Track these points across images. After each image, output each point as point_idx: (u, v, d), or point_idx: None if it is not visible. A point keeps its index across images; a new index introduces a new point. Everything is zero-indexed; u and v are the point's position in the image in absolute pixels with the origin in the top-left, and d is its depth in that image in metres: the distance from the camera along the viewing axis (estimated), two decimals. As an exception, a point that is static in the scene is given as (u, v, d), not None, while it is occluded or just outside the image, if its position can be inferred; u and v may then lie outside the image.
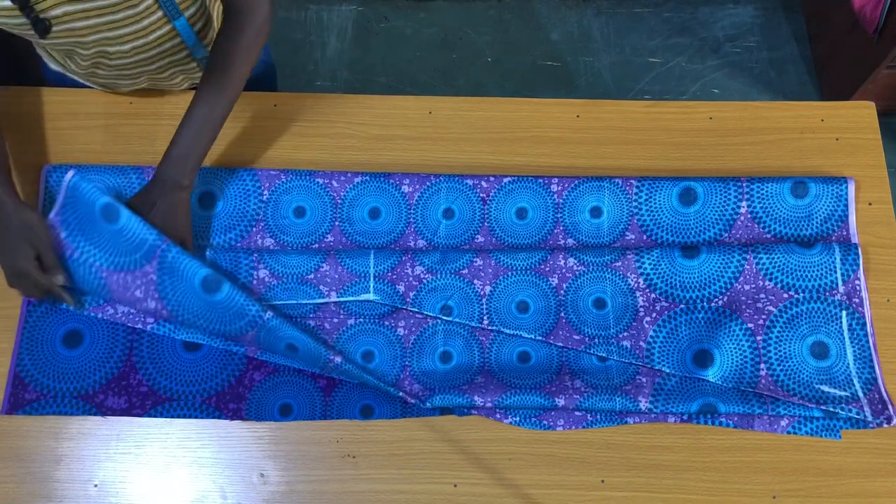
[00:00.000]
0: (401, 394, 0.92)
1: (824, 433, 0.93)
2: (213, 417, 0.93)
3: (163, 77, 1.02)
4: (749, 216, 1.02)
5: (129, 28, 0.88)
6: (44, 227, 0.91)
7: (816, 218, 1.02)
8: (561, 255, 1.00)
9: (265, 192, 1.02)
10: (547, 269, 0.99)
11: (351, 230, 1.02)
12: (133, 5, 0.85)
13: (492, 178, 1.04)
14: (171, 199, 0.91)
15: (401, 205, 1.02)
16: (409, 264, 0.98)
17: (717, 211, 1.02)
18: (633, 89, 2.05)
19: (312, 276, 0.98)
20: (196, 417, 0.93)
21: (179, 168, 0.91)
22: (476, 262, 0.99)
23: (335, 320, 0.98)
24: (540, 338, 0.97)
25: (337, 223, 1.02)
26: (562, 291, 0.99)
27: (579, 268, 0.99)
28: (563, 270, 0.99)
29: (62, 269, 0.91)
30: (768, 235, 1.02)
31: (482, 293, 0.98)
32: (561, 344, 0.97)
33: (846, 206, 1.02)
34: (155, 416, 0.93)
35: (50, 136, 1.05)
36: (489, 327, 0.97)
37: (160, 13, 0.89)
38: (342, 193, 1.03)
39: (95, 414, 0.93)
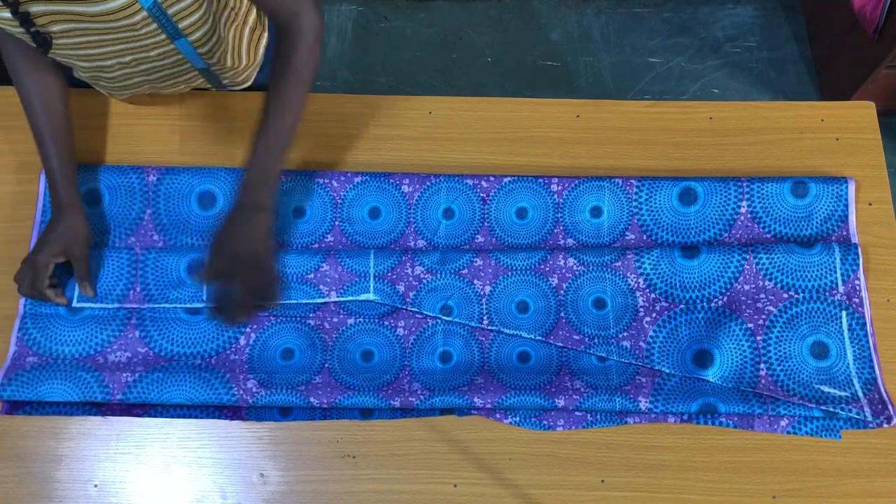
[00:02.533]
0: (398, 404, 0.92)
1: (824, 433, 0.93)
2: (213, 417, 0.93)
3: (165, 85, 1.02)
4: (749, 216, 1.02)
5: (130, 45, 0.88)
6: (85, 240, 0.94)
7: (816, 218, 1.02)
8: (561, 255, 1.00)
9: (265, 192, 1.02)
10: (547, 268, 0.99)
11: (351, 230, 1.02)
12: (134, 29, 0.85)
13: (492, 178, 1.04)
14: (254, 223, 0.90)
15: (401, 205, 1.02)
16: (409, 264, 0.98)
17: (717, 211, 1.02)
18: (633, 89, 2.05)
19: (312, 275, 0.98)
20: (196, 417, 0.93)
21: (258, 191, 0.90)
22: (476, 262, 0.99)
23: (335, 320, 0.98)
24: (540, 338, 0.97)
25: (337, 223, 1.02)
26: (561, 291, 0.99)
27: (579, 268, 0.99)
28: (563, 270, 0.99)
29: (89, 287, 0.95)
30: (768, 235, 1.02)
31: (482, 293, 0.98)
32: (561, 344, 0.97)
33: (846, 206, 1.02)
34: (155, 416, 0.93)
35: (50, 136, 1.05)
36: (489, 327, 0.97)
37: (162, 35, 0.89)
38: (342, 193, 1.03)
39: (95, 414, 0.93)
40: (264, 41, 1.11)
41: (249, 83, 1.11)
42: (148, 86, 1.01)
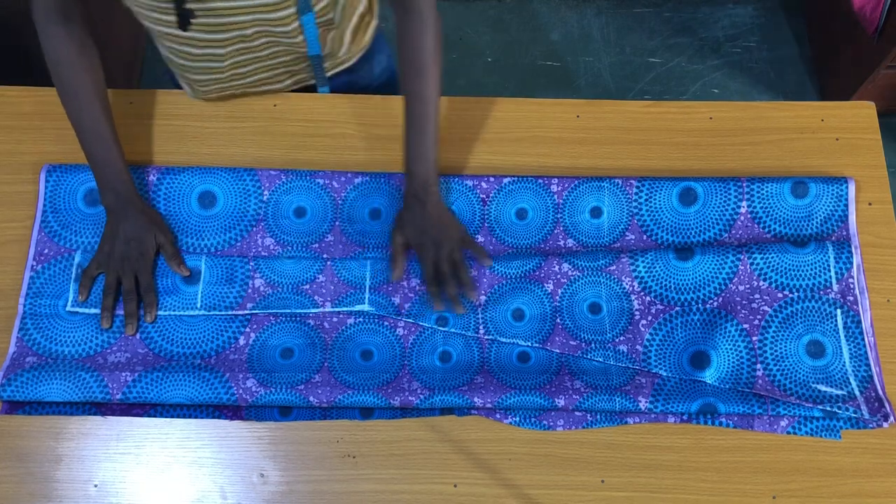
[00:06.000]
0: (397, 403, 0.92)
1: (824, 433, 0.93)
2: (213, 418, 0.93)
3: (266, 77, 1.04)
4: (749, 216, 1.02)
5: (260, 16, 0.89)
6: (167, 226, 0.99)
7: (816, 218, 1.02)
8: (555, 261, 0.99)
9: (265, 192, 1.02)
10: (541, 275, 0.99)
11: (351, 230, 1.02)
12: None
13: (492, 179, 1.03)
14: (431, 209, 0.96)
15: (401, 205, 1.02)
16: (404, 276, 0.98)
17: (717, 211, 1.02)
18: (633, 89, 2.06)
19: (308, 286, 0.97)
20: (196, 418, 0.93)
21: (422, 180, 0.96)
22: (470, 271, 0.99)
23: (334, 319, 0.98)
24: (537, 345, 0.97)
25: (337, 223, 1.02)
26: (557, 297, 0.99)
27: (574, 273, 0.99)
28: (558, 276, 0.99)
29: (183, 266, 0.97)
30: (768, 235, 1.02)
31: (477, 303, 0.98)
32: (558, 350, 0.97)
33: (846, 206, 1.02)
34: (155, 416, 0.93)
35: (50, 136, 1.05)
36: (485, 337, 0.97)
37: (293, 10, 0.90)
38: (342, 193, 1.03)
39: (95, 414, 0.93)
40: (371, 28, 1.13)
41: (349, 65, 1.12)
42: (248, 80, 1.03)
